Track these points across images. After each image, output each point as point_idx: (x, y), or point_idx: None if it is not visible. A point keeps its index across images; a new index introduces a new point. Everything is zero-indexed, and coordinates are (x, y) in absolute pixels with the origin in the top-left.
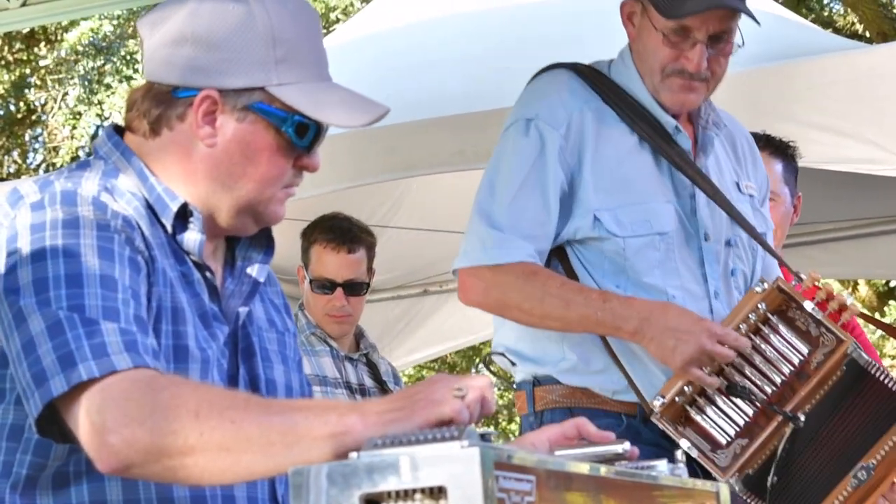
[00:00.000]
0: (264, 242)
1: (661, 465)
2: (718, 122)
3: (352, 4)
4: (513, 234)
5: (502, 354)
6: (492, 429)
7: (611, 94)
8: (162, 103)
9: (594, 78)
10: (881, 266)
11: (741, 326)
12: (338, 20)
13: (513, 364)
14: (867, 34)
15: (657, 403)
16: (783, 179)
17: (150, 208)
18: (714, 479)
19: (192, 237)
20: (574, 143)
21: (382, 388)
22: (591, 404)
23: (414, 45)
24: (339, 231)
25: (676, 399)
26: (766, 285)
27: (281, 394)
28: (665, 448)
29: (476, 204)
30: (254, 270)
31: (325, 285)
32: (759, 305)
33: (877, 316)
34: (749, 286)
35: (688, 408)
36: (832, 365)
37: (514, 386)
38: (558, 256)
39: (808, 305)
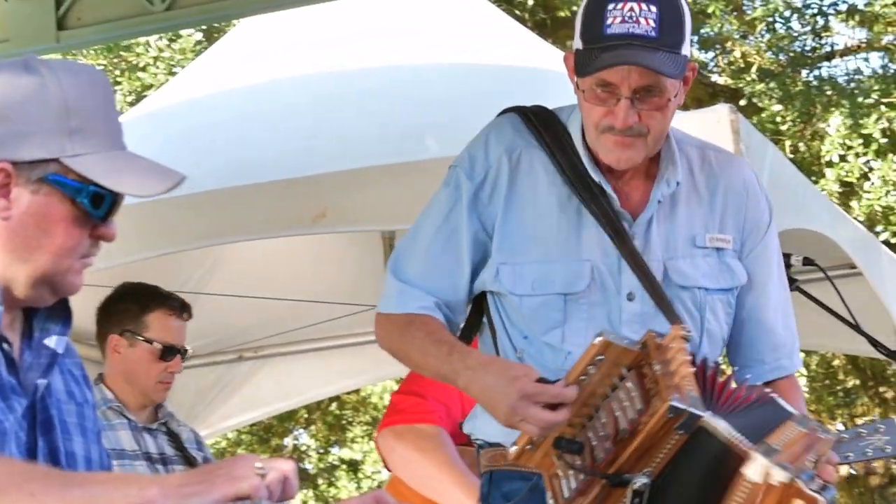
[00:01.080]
0: (62, 314)
1: None
2: (671, 179)
3: (167, 81)
4: (415, 285)
5: (177, 461)
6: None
7: (553, 141)
8: None
9: (541, 123)
10: None
11: (581, 379)
12: None
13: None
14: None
15: (511, 451)
16: None
17: None
18: None
19: None
20: (490, 193)
21: (184, 457)
22: (504, 466)
23: (225, 113)
24: (176, 299)
25: (528, 448)
26: (601, 338)
27: (81, 466)
28: None
29: (395, 249)
30: (52, 342)
31: (171, 351)
32: (597, 358)
33: None
34: (695, 349)
35: (556, 460)
36: (654, 426)
37: None
38: (482, 305)
39: (656, 363)
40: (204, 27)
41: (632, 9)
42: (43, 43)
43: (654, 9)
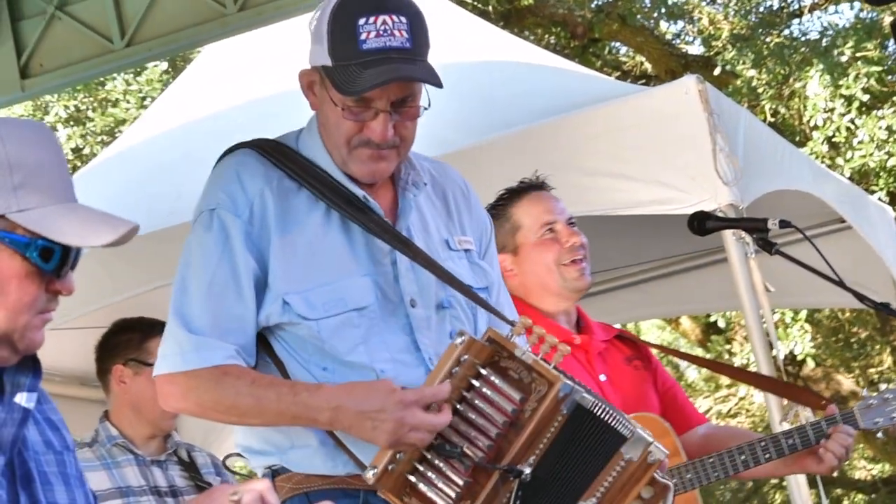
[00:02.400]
0: (30, 365)
1: None
2: (418, 181)
3: (139, 115)
4: (211, 335)
5: (238, 455)
6: None
7: (296, 168)
8: None
9: (277, 154)
10: (693, 301)
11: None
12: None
13: (244, 458)
14: (656, 73)
15: (370, 475)
16: None
17: None
18: None
19: None
20: (259, 227)
21: (197, 486)
22: (326, 485)
23: (199, 142)
24: None
25: (390, 468)
26: (465, 337)
27: None
28: None
29: (172, 304)
30: (22, 399)
31: None
32: (462, 358)
33: (700, 351)
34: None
35: (410, 476)
36: (546, 409)
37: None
38: (262, 346)
39: (518, 352)
40: (167, 59)
41: (385, 22)
42: (7, 94)
43: (404, 20)
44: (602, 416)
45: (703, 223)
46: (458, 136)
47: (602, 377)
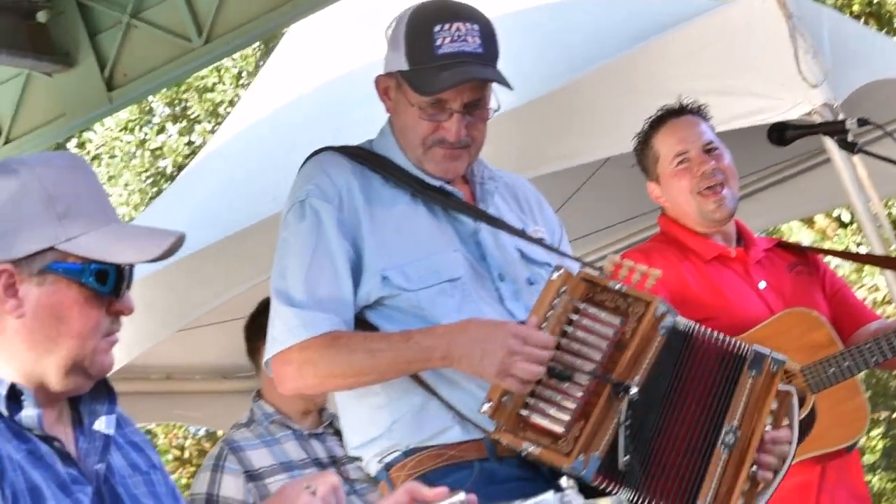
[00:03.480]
0: (105, 392)
1: (548, 496)
2: (494, 176)
3: (237, 96)
4: (314, 309)
5: (349, 460)
6: None
7: (376, 163)
8: None
9: (358, 153)
10: (803, 205)
11: (548, 315)
12: (227, 113)
13: (361, 460)
14: None
15: (486, 408)
16: (714, 135)
17: None
18: (607, 495)
19: (28, 414)
20: (349, 213)
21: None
22: (439, 463)
23: (293, 133)
24: None
25: (504, 399)
26: (561, 271)
27: None
28: (525, 479)
29: (273, 290)
30: (101, 425)
31: None
32: (561, 290)
33: (827, 246)
34: None
35: (521, 412)
36: (645, 328)
37: (376, 481)
38: (360, 326)
39: (612, 284)
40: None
41: (458, 28)
42: (97, 108)
43: (476, 27)
44: (700, 333)
45: (782, 134)
46: (548, 79)
47: (761, 284)
